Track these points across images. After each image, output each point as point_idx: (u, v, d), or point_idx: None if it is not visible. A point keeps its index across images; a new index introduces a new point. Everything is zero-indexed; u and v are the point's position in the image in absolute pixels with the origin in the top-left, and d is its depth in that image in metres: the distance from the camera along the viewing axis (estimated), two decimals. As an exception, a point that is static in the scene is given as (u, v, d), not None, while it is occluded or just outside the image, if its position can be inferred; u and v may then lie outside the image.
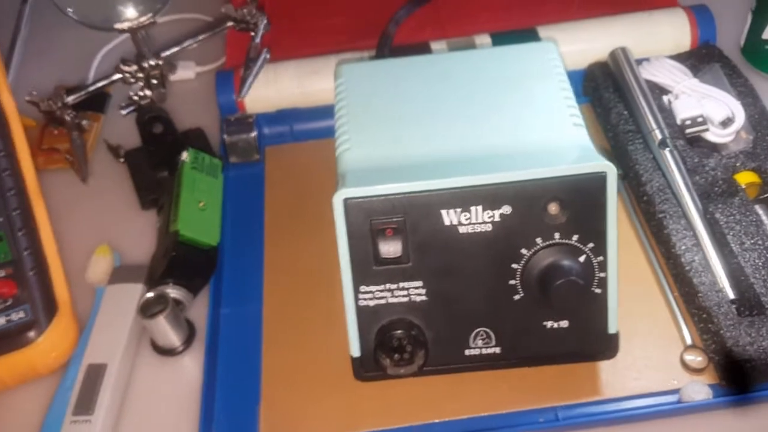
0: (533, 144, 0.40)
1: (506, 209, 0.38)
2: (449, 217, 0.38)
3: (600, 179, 0.38)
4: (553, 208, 0.38)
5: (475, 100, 0.43)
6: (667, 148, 0.49)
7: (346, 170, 0.41)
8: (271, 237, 0.52)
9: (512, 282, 0.40)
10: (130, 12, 0.47)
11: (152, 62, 0.50)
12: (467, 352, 0.41)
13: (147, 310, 0.44)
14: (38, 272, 0.45)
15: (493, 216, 0.38)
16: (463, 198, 0.38)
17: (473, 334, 0.41)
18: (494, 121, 0.42)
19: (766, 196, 0.47)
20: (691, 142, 0.51)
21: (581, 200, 0.38)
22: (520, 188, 0.38)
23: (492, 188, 0.38)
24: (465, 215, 0.38)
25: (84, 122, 0.57)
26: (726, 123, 0.50)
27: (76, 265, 0.51)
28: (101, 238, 0.53)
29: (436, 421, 0.42)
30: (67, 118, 0.49)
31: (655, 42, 0.58)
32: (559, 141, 0.40)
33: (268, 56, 0.54)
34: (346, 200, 0.38)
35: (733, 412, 0.41)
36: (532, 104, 0.43)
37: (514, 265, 0.39)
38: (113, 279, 0.49)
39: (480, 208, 0.38)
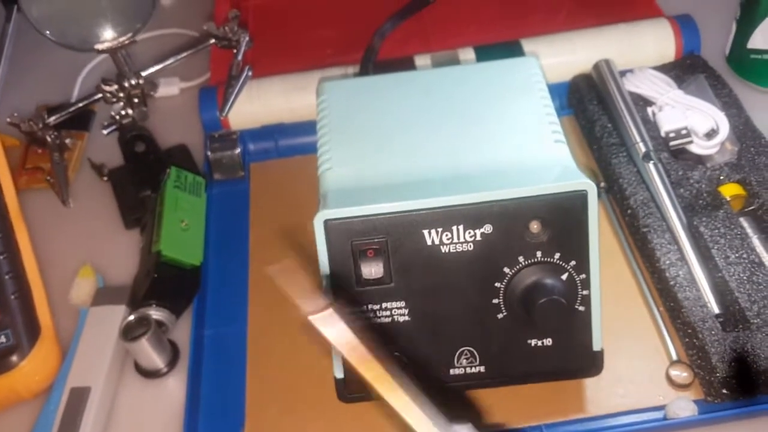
0: (514, 162, 0.40)
1: (488, 228, 0.38)
2: (431, 236, 0.38)
3: (581, 197, 0.37)
4: (534, 226, 0.38)
5: (457, 118, 0.43)
6: (651, 161, 0.49)
7: (327, 190, 0.40)
8: (256, 255, 0.52)
9: (495, 301, 0.39)
10: (108, 33, 0.46)
11: (133, 81, 0.50)
12: (452, 371, 0.41)
13: (129, 333, 0.44)
14: (20, 296, 0.45)
15: (474, 235, 0.38)
16: (445, 218, 0.38)
17: (457, 354, 0.41)
18: (476, 139, 0.42)
19: (751, 208, 0.47)
20: (676, 155, 0.50)
21: (562, 218, 0.38)
22: (502, 207, 0.38)
23: (473, 208, 0.38)
24: (447, 235, 0.38)
25: (68, 140, 0.57)
26: (710, 135, 0.50)
27: (59, 287, 0.51)
28: (84, 258, 0.53)
29: (422, 441, 0.41)
30: (49, 138, 0.49)
31: (640, 53, 0.58)
32: (540, 158, 0.40)
33: (250, 74, 0.53)
34: (326, 221, 0.38)
35: (720, 428, 0.41)
36: (514, 121, 0.43)
37: (497, 284, 0.39)
38: (96, 301, 0.49)
39: (462, 227, 0.38)
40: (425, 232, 0.38)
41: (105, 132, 0.52)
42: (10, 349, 0.44)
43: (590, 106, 0.54)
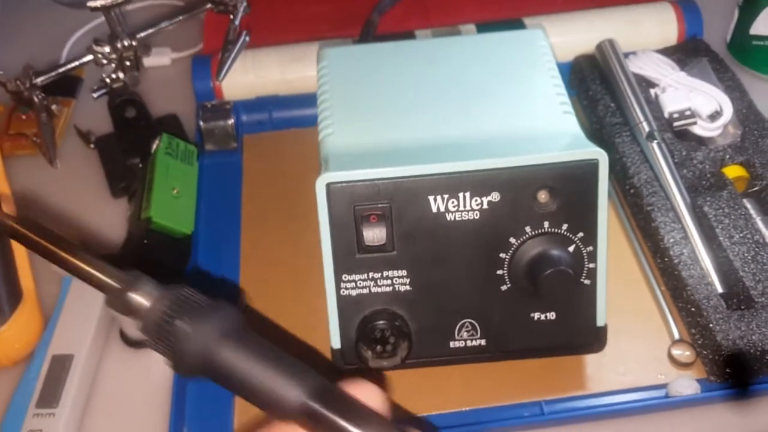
0: (523, 130, 0.39)
1: (495, 196, 0.37)
2: (436, 203, 0.37)
3: (592, 167, 0.37)
4: (542, 196, 0.37)
5: (463, 86, 0.42)
6: (655, 141, 0.48)
7: (329, 154, 0.39)
8: (249, 228, 0.50)
9: (499, 272, 0.38)
10: (103, -13, 0.45)
11: (126, 43, 0.48)
12: (452, 344, 0.40)
13: (117, 299, 0.42)
14: (2, 259, 0.43)
15: (481, 203, 0.37)
16: (452, 184, 0.37)
17: (458, 326, 0.40)
18: (483, 107, 0.41)
19: (754, 190, 0.47)
20: (679, 136, 0.50)
21: (572, 188, 0.37)
22: (510, 175, 0.37)
23: (481, 174, 0.36)
24: (453, 202, 0.37)
25: (54, 107, 0.55)
26: (714, 117, 0.50)
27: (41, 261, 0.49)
28: (69, 226, 0.51)
29: (419, 415, 0.40)
30: (36, 99, 0.47)
31: (642, 35, 0.57)
32: (549, 128, 0.39)
33: (247, 39, 0.52)
34: (329, 185, 0.37)
35: (722, 407, 0.40)
36: (521, 91, 0.42)
37: (502, 255, 0.38)
38: (82, 268, 0.47)
39: (468, 194, 0.37)
40: (431, 198, 0.37)
41: (95, 95, 0.50)
42: (-9, 314, 0.42)
43: (593, 86, 0.53)
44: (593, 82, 0.53)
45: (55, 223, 0.51)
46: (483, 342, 0.40)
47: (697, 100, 0.50)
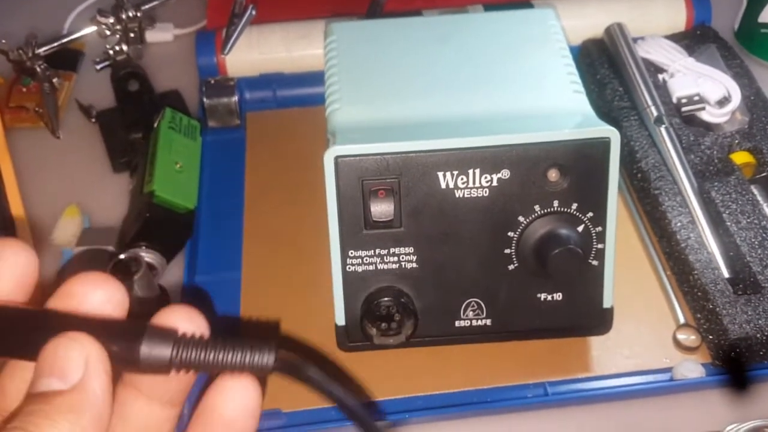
0: (533, 108, 0.39)
1: (505, 173, 0.37)
2: (445, 179, 0.37)
3: (603, 145, 0.36)
4: (553, 174, 0.37)
5: (473, 63, 0.42)
6: (663, 125, 0.48)
7: (337, 129, 0.39)
8: (251, 204, 0.50)
9: (507, 251, 0.38)
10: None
11: (131, 14, 0.48)
12: (457, 323, 0.40)
13: (118, 272, 0.42)
14: (2, 229, 0.42)
15: (491, 180, 0.37)
16: (461, 160, 0.36)
17: (464, 305, 0.39)
18: (493, 85, 0.40)
19: (762, 176, 0.46)
20: (686, 122, 0.50)
21: (583, 167, 0.36)
22: (521, 152, 0.36)
23: (491, 151, 0.36)
24: (462, 178, 0.37)
25: (55, 80, 0.54)
26: (722, 103, 0.50)
27: (42, 228, 0.48)
28: (69, 200, 0.50)
29: (422, 394, 0.40)
30: (38, 69, 0.46)
31: (650, 21, 0.57)
32: (560, 106, 0.39)
33: (254, 13, 0.51)
34: (337, 158, 0.36)
35: (726, 391, 0.40)
36: (532, 69, 0.41)
37: (510, 233, 0.38)
38: (81, 241, 0.47)
39: (478, 171, 0.36)
40: (440, 174, 0.37)
41: (98, 67, 0.50)
42: (-10, 284, 0.41)
43: (601, 70, 0.53)
44: (601, 66, 0.53)
45: (56, 197, 0.51)
46: (488, 322, 0.40)
47: (706, 86, 0.50)
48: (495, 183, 0.37)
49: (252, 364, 0.20)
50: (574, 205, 0.37)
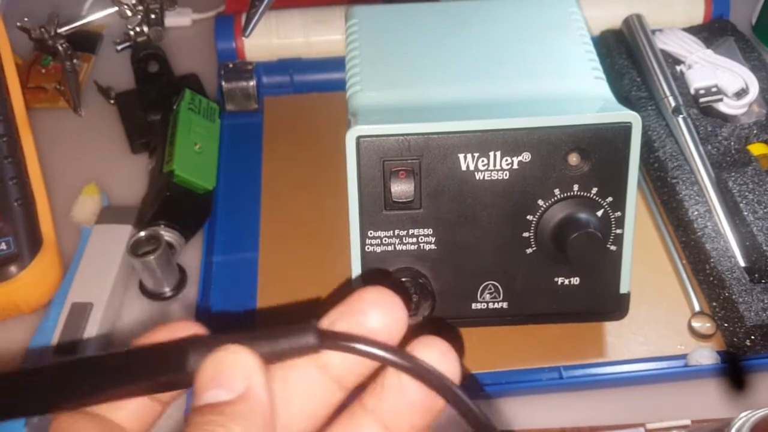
0: (555, 92, 0.39)
1: (526, 156, 0.37)
2: (466, 161, 0.37)
3: (625, 130, 0.36)
4: (573, 158, 0.37)
5: (494, 47, 0.42)
6: (681, 115, 0.48)
7: (358, 109, 0.39)
8: (269, 187, 0.50)
9: (526, 234, 0.38)
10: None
11: (153, -6, 0.48)
12: (474, 306, 0.40)
13: (137, 249, 0.42)
14: (23, 204, 0.42)
15: (511, 163, 0.37)
16: (483, 142, 0.36)
17: (481, 288, 0.39)
18: (514, 68, 0.40)
19: (779, 167, 0.47)
20: (703, 113, 0.50)
21: (604, 151, 0.37)
22: (542, 135, 0.36)
23: (513, 133, 0.36)
24: (483, 161, 0.37)
25: (75, 62, 0.54)
26: (740, 94, 0.50)
27: (60, 207, 0.49)
28: (88, 179, 0.51)
29: (438, 376, 0.40)
30: (60, 47, 0.46)
31: (668, 14, 0.57)
32: (581, 91, 0.39)
33: (275, -4, 0.51)
34: (359, 138, 0.37)
35: (740, 378, 0.40)
36: (553, 54, 0.41)
37: (529, 217, 0.38)
38: (101, 219, 0.47)
39: (499, 153, 0.37)
40: (461, 156, 0.37)
41: (118, 48, 0.50)
42: (10, 258, 0.41)
43: (619, 60, 0.53)
44: (620, 57, 0.53)
45: (74, 176, 0.51)
46: (505, 305, 0.40)
47: (724, 78, 0.50)
48: (515, 166, 0.37)
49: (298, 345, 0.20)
50: (594, 190, 0.37)
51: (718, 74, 0.50)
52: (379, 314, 0.21)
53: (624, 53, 0.53)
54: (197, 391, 0.20)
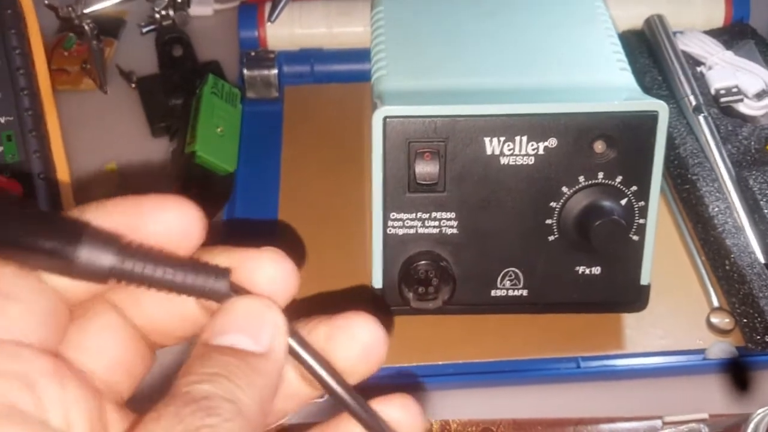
0: (581, 81, 0.39)
1: (552, 142, 0.37)
2: (492, 145, 0.37)
3: (651, 118, 0.36)
4: (599, 145, 0.37)
5: (521, 35, 0.42)
6: (702, 114, 0.48)
7: (384, 92, 0.39)
8: (288, 173, 0.50)
9: (549, 221, 0.38)
10: None
11: (180, -22, 0.48)
12: (493, 293, 0.40)
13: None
14: (46, 177, 0.43)
15: (537, 148, 0.37)
16: (509, 126, 0.37)
17: (501, 274, 0.39)
18: (541, 56, 0.41)
19: (799, 167, 0.47)
20: (724, 113, 0.50)
21: (630, 139, 0.37)
22: (569, 121, 0.36)
23: (540, 118, 0.36)
24: (508, 145, 0.37)
25: (100, 42, 0.55)
26: (761, 96, 0.50)
27: (81, 186, 0.49)
28: (109, 160, 0.51)
29: (455, 362, 0.40)
30: (86, 27, 0.47)
31: (688, 16, 0.57)
32: (608, 80, 0.39)
33: (302, -17, 0.52)
34: (386, 119, 0.37)
35: (759, 374, 0.40)
36: (579, 45, 0.42)
37: (553, 204, 0.38)
38: (120, 198, 0.47)
39: (525, 138, 0.37)
40: (486, 139, 0.37)
41: (144, 30, 0.50)
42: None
43: (641, 59, 0.53)
44: (641, 56, 0.53)
45: (94, 158, 0.51)
46: (525, 293, 0.40)
47: (744, 79, 0.50)
48: (541, 151, 0.37)
49: (203, 287, 0.19)
50: (619, 178, 0.37)
51: (739, 75, 0.51)
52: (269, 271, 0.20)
53: (645, 53, 0.53)
54: (221, 326, 0.19)
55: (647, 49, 0.54)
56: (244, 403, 0.17)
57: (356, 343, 0.20)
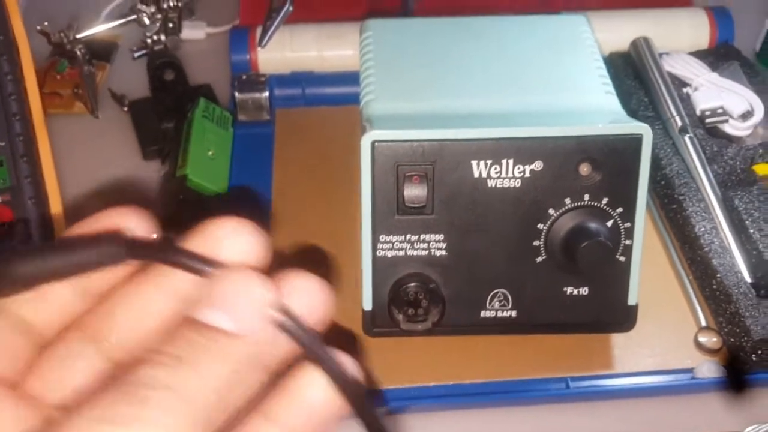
0: (567, 104, 0.40)
1: (538, 165, 0.37)
2: (479, 168, 0.37)
3: (636, 141, 0.37)
4: (585, 168, 0.37)
5: (507, 60, 0.43)
6: (687, 135, 0.49)
7: (373, 116, 0.39)
8: (279, 195, 0.50)
9: (536, 243, 0.39)
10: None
11: (171, 3, 0.49)
12: (483, 314, 0.40)
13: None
14: (37, 202, 0.43)
15: (523, 171, 0.37)
16: (496, 150, 0.37)
17: (490, 296, 0.40)
18: (527, 80, 0.41)
19: (784, 186, 0.47)
20: (709, 133, 0.50)
21: (615, 162, 0.37)
22: (554, 144, 0.37)
23: (526, 142, 0.37)
24: (495, 168, 0.37)
25: (92, 66, 0.55)
26: (745, 116, 0.51)
27: (73, 208, 0.49)
28: (101, 183, 0.51)
29: (443, 383, 0.40)
30: (78, 52, 0.47)
31: (674, 38, 0.58)
32: (593, 104, 0.40)
33: (290, 9, 0.53)
34: (374, 143, 0.37)
35: (748, 392, 0.40)
36: (565, 69, 0.42)
37: (540, 226, 0.38)
38: (112, 222, 0.47)
39: (511, 161, 0.37)
40: (474, 162, 0.37)
41: (135, 55, 0.51)
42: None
43: (627, 81, 0.54)
44: (627, 78, 0.54)
45: (87, 180, 0.51)
46: (514, 313, 0.40)
47: (729, 100, 0.51)
48: (527, 174, 0.37)
49: (101, 256, 0.18)
50: (605, 200, 0.38)
51: (724, 96, 0.51)
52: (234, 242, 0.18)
53: (632, 74, 0.54)
54: (202, 300, 0.17)
55: (634, 71, 0.54)
56: (194, 393, 0.16)
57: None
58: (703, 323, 0.43)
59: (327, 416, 0.19)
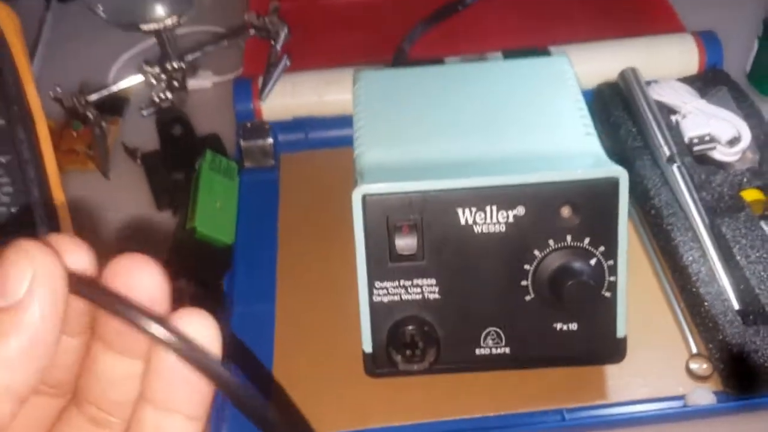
0: (547, 149, 0.41)
1: (520, 210, 0.39)
2: (465, 216, 0.39)
3: (613, 184, 0.39)
4: (565, 211, 0.39)
5: (491, 107, 0.45)
6: (675, 164, 0.50)
7: (364, 168, 0.42)
8: (285, 240, 0.53)
9: (524, 283, 0.40)
10: (158, 12, 0.48)
11: (175, 65, 0.52)
12: (478, 351, 0.42)
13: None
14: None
15: (507, 217, 0.39)
16: (480, 198, 0.39)
17: (484, 334, 0.42)
18: (509, 127, 0.43)
19: (771, 212, 0.48)
20: (698, 160, 0.52)
21: (594, 204, 0.39)
22: (535, 190, 0.39)
23: (507, 189, 0.39)
24: (480, 215, 0.39)
25: (103, 124, 0.58)
26: (733, 142, 0.52)
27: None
28: (118, 236, 0.54)
29: (444, 419, 0.42)
30: (90, 115, 0.50)
31: (663, 65, 0.59)
32: (573, 147, 0.42)
33: (288, 63, 0.55)
34: (365, 197, 0.39)
35: (737, 418, 0.41)
36: (546, 113, 0.44)
37: (527, 266, 0.40)
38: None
39: (495, 208, 0.39)
40: (459, 210, 0.39)
41: (144, 113, 0.54)
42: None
43: (615, 112, 0.55)
44: (615, 108, 0.56)
45: (104, 233, 0.54)
46: (507, 350, 0.42)
47: (717, 126, 0.52)
48: (511, 219, 0.39)
49: None
50: (587, 240, 0.40)
51: (712, 123, 0.53)
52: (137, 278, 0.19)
53: (620, 105, 0.56)
54: None
55: (622, 102, 0.56)
56: None
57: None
58: (694, 350, 0.44)
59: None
